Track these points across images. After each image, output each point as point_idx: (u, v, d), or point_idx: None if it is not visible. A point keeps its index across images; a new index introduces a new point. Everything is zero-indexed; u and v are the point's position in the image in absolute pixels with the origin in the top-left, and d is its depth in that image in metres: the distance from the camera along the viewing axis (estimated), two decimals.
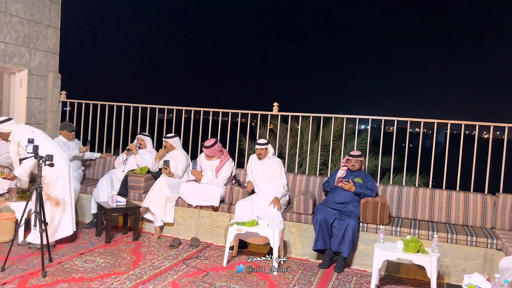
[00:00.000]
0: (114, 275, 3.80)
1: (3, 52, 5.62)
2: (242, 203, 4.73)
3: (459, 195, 4.69)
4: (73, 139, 5.71)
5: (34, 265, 3.93)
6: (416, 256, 3.62)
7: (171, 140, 5.44)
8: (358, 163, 4.80)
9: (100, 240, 4.83)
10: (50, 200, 4.30)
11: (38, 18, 6.10)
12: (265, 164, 5.02)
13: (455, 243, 4.20)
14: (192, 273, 3.99)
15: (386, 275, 4.28)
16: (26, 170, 4.13)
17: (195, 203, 5.05)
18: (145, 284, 3.66)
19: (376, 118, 5.36)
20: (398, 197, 4.85)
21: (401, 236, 4.28)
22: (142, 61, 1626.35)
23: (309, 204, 4.67)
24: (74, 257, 4.22)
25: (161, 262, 4.26)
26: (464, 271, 4.10)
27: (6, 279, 3.57)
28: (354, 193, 4.62)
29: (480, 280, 3.02)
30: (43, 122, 6.37)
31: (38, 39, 6.15)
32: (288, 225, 4.72)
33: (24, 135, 4.14)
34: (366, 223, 4.47)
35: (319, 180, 5.19)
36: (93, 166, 6.16)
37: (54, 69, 6.48)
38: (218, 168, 5.17)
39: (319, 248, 4.41)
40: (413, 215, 4.78)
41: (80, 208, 5.59)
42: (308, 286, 3.88)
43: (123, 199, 4.98)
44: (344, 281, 4.08)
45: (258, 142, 5.12)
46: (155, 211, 5.00)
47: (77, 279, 3.67)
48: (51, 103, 6.43)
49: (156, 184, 5.04)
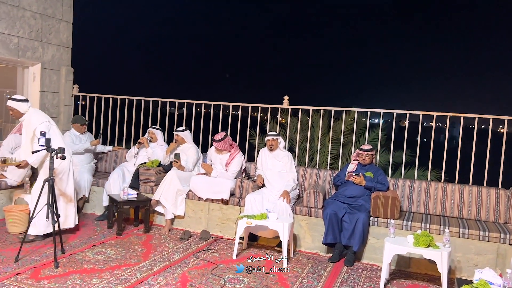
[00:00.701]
0: (125, 267, 3.85)
1: (16, 46, 5.69)
2: (252, 197, 4.73)
3: (471, 189, 4.63)
4: (85, 132, 5.77)
5: (46, 256, 3.99)
6: (427, 251, 3.58)
7: (182, 133, 5.46)
8: (368, 157, 4.76)
9: (111, 232, 4.88)
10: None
11: (50, 12, 6.16)
12: (275, 157, 5.01)
13: (467, 237, 4.15)
14: (202, 266, 4.02)
15: (396, 269, 4.25)
16: (39, 158, 4.20)
17: (205, 196, 5.07)
18: (155, 276, 3.69)
19: (388, 111, 5.30)
20: (410, 191, 4.80)
21: (411, 230, 4.24)
22: (155, 55, 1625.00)
23: (319, 198, 4.66)
24: (86, 248, 4.27)
25: (171, 254, 4.29)
26: (476, 266, 4.05)
27: (20, 269, 3.64)
28: (364, 187, 4.59)
29: (491, 275, 2.98)
30: (56, 116, 6.45)
31: (51, 33, 6.21)
32: (298, 219, 4.72)
33: (41, 123, 4.22)
34: (377, 217, 4.44)
35: (329, 174, 5.17)
36: (105, 159, 6.22)
37: (66, 63, 6.54)
38: (228, 162, 5.18)
39: (329, 242, 4.40)
40: (425, 209, 4.73)
41: (92, 200, 5.66)
42: (318, 279, 3.88)
43: (134, 192, 5.02)
44: (354, 275, 4.07)
45: (269, 133, 5.12)
46: (165, 204, 5.03)
47: (89, 270, 3.72)
48: (63, 96, 6.50)
49: (167, 177, 5.07)
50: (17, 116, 4.33)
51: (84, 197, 5.57)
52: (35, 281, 3.41)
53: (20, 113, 4.29)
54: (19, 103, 4.25)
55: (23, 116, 4.30)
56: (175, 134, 5.51)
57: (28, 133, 4.28)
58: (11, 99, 4.27)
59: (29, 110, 4.31)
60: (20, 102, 4.26)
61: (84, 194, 5.53)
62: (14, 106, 4.24)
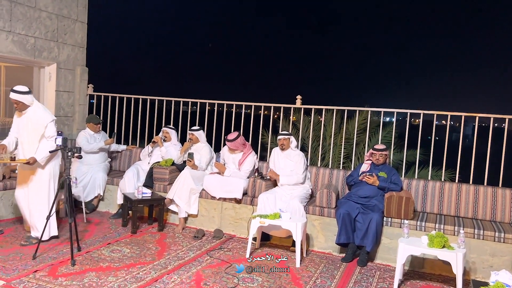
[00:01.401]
0: (140, 265, 3.89)
1: (33, 47, 5.77)
2: (265, 196, 4.75)
3: (486, 190, 4.59)
4: (100, 131, 5.84)
5: (63, 254, 4.05)
6: (442, 252, 3.56)
7: (197, 132, 5.49)
8: (382, 157, 4.75)
9: (126, 230, 4.94)
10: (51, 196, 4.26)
11: (66, 12, 6.24)
12: (287, 157, 5.01)
13: (482, 239, 4.12)
14: (215, 264, 4.05)
15: (410, 270, 4.24)
16: (47, 155, 4.07)
17: (218, 195, 5.10)
18: (169, 274, 3.73)
19: (401, 111, 5.27)
20: (424, 191, 4.77)
21: (425, 231, 4.22)
22: (169, 55, 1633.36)
23: (332, 198, 4.66)
24: (102, 246, 4.33)
25: (185, 253, 4.33)
26: (491, 267, 4.02)
27: (38, 266, 3.71)
28: (378, 187, 4.58)
29: (507, 277, 2.96)
30: (71, 115, 6.54)
31: (66, 34, 6.29)
32: (310, 218, 4.72)
33: (52, 120, 4.08)
34: (390, 218, 4.42)
35: (342, 174, 5.16)
36: (119, 158, 6.29)
37: (81, 63, 6.62)
38: (241, 161, 5.20)
39: (342, 241, 4.40)
40: (439, 210, 4.71)
41: (107, 199, 5.74)
42: (331, 279, 3.89)
43: (148, 191, 5.07)
44: (367, 275, 4.06)
45: (281, 132, 5.13)
46: (179, 203, 5.08)
47: (105, 268, 3.78)
48: (78, 96, 6.59)
49: (181, 176, 5.11)
50: (21, 109, 4.12)
51: (99, 196, 5.65)
52: (53, 279, 3.48)
53: (25, 106, 4.09)
54: (24, 96, 4.04)
55: (28, 108, 4.11)
56: (189, 133, 5.55)
57: (37, 128, 4.08)
58: (14, 92, 4.03)
59: (34, 102, 4.13)
60: (24, 94, 4.04)
61: (99, 193, 5.60)
62: (19, 99, 4.03)
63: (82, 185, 5.39)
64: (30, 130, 4.12)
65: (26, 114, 4.14)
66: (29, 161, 4.03)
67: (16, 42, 5.53)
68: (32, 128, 4.11)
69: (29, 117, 4.12)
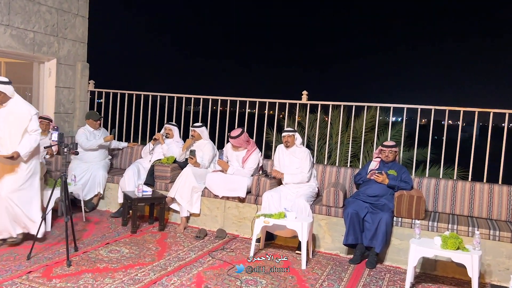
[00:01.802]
0: (139, 266, 3.73)
1: (32, 41, 5.64)
2: (269, 194, 4.57)
3: (501, 188, 4.39)
4: (100, 128, 5.70)
5: (59, 254, 3.90)
6: (456, 254, 3.37)
7: (199, 129, 5.34)
8: (392, 154, 4.55)
9: (126, 229, 4.79)
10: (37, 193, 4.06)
11: (66, 7, 6.10)
12: (292, 154, 4.83)
13: (498, 240, 3.91)
14: (217, 266, 3.88)
15: (422, 273, 4.04)
16: (31, 150, 3.83)
17: (221, 194, 4.93)
18: (169, 275, 3.57)
19: (411, 107, 5.07)
20: (435, 190, 4.58)
21: (438, 231, 4.02)
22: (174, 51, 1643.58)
23: (340, 197, 4.47)
24: (100, 246, 4.18)
25: (186, 253, 4.17)
26: (508, 270, 3.83)
27: (32, 267, 3.55)
28: (387, 186, 4.39)
29: None
30: (72, 111, 6.40)
31: (67, 28, 6.15)
32: (317, 218, 4.54)
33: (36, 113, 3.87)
34: (401, 217, 4.23)
35: (350, 172, 4.98)
36: (120, 155, 6.14)
37: (82, 59, 6.49)
38: (245, 159, 5.03)
39: (350, 242, 4.21)
40: (451, 209, 4.51)
41: (107, 197, 5.59)
42: (339, 282, 3.70)
43: (149, 189, 4.92)
44: (376, 278, 3.87)
45: (285, 129, 4.95)
46: (181, 201, 4.92)
47: (101, 269, 3.62)
48: (79, 92, 6.45)
49: (182, 174, 4.95)
50: (2, 101, 3.83)
51: (99, 194, 5.51)
52: (47, 280, 3.32)
53: (7, 97, 3.82)
54: (6, 86, 3.77)
55: (9, 100, 3.84)
56: (191, 130, 5.40)
57: (20, 122, 3.82)
58: None
59: (15, 94, 3.87)
60: (5, 84, 3.78)
61: (99, 191, 5.46)
62: (1, 89, 3.75)
63: (81, 183, 5.24)
64: (11, 123, 3.84)
65: (7, 107, 3.86)
66: (13, 155, 3.73)
67: (14, 37, 5.39)
68: (14, 121, 3.84)
69: (10, 110, 3.85)
